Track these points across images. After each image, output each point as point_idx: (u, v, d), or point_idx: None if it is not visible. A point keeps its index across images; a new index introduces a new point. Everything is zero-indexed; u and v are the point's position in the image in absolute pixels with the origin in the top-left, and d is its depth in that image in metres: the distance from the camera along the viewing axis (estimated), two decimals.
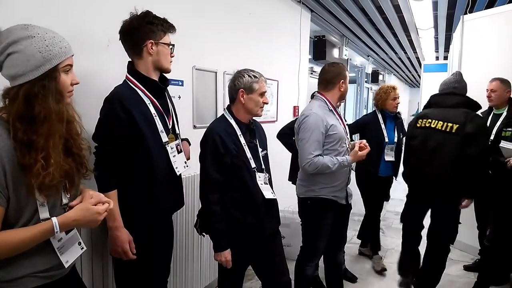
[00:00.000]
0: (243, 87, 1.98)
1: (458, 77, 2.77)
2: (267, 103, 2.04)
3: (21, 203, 1.12)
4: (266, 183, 2.06)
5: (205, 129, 2.01)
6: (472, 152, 2.44)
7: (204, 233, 2.08)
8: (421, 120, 2.72)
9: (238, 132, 1.99)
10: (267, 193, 2.02)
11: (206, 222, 2.02)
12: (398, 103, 3.50)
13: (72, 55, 1.23)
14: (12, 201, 1.10)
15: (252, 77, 1.98)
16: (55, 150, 1.14)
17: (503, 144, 2.67)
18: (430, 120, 2.65)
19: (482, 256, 3.37)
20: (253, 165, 2.00)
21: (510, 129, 2.79)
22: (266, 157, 2.15)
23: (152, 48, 1.71)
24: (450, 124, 2.53)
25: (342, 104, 3.06)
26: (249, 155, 1.99)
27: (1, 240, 1.08)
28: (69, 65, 1.22)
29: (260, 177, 2.03)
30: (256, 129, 2.11)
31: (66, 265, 1.24)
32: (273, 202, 2.09)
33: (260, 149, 2.09)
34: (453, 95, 2.68)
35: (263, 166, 2.08)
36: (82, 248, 1.32)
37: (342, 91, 2.47)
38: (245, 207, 1.98)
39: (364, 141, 2.40)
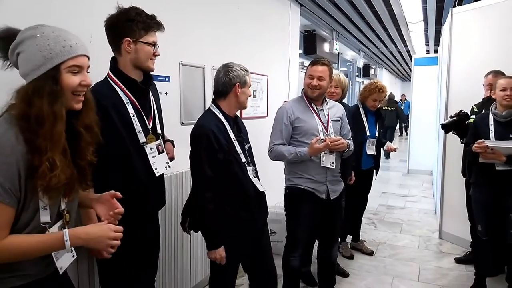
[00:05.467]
0: (239, 81, 1.98)
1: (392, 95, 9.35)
2: (250, 96, 2.11)
3: (25, 204, 1.11)
4: (255, 176, 2.08)
5: (194, 126, 1.98)
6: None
7: (192, 231, 2.07)
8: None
9: (228, 127, 1.98)
10: (258, 186, 2.05)
11: (197, 220, 2.00)
12: (377, 106, 3.49)
13: (82, 55, 1.18)
14: (20, 202, 1.10)
15: (244, 71, 2.01)
16: (56, 152, 1.12)
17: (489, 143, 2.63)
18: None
19: (473, 249, 3.39)
20: (243, 159, 2.01)
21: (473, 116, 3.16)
22: (250, 150, 2.15)
23: (129, 47, 1.65)
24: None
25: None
26: (239, 149, 2.00)
27: (11, 244, 1.07)
28: (75, 65, 1.16)
29: (250, 171, 2.04)
30: (240, 122, 2.13)
31: (61, 271, 1.24)
32: (262, 195, 2.12)
33: (244, 143, 2.11)
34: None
35: (249, 160, 2.09)
36: (74, 256, 1.30)
37: (305, 88, 2.53)
38: (238, 202, 1.98)
39: (335, 137, 2.39)
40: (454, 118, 3.18)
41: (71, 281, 1.47)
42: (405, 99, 14.76)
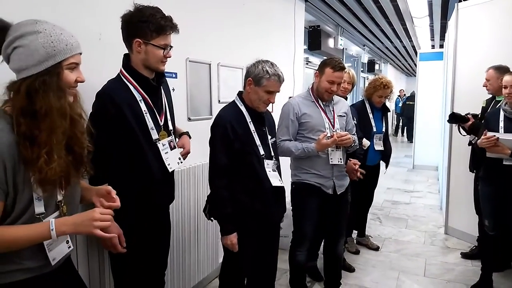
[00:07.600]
0: (252, 76, 1.99)
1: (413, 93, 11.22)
2: (272, 103, 2.03)
3: (18, 196, 1.12)
4: (275, 170, 2.10)
5: (214, 117, 2.06)
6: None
7: (212, 218, 2.12)
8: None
9: (248, 119, 2.02)
10: (275, 181, 2.05)
11: (213, 207, 2.06)
12: (383, 101, 3.48)
13: (80, 53, 1.22)
14: (9, 194, 1.11)
15: (265, 71, 1.96)
16: (57, 146, 1.14)
17: (501, 135, 2.63)
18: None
19: (479, 244, 3.39)
20: (261, 152, 2.03)
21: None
22: (275, 144, 2.19)
23: (139, 47, 1.65)
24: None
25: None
26: (258, 142, 2.03)
27: None
28: (74, 63, 1.20)
29: (269, 164, 2.07)
30: (265, 116, 2.13)
31: (53, 263, 1.23)
32: (281, 189, 2.13)
33: (269, 137, 2.13)
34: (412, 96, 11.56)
35: (272, 153, 2.11)
36: (70, 247, 1.30)
37: (317, 86, 2.51)
38: (254, 193, 2.02)
39: (342, 133, 2.40)
40: (468, 116, 3.16)
41: (79, 276, 1.47)
42: (404, 94, 14.14)
